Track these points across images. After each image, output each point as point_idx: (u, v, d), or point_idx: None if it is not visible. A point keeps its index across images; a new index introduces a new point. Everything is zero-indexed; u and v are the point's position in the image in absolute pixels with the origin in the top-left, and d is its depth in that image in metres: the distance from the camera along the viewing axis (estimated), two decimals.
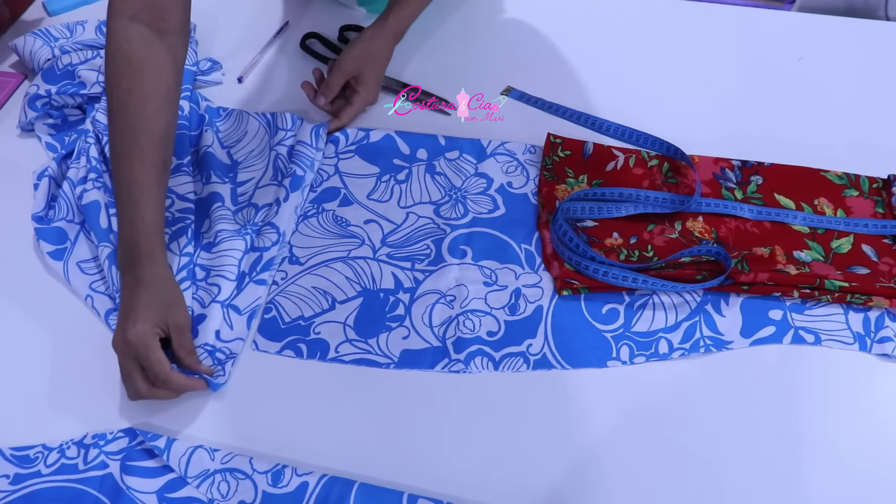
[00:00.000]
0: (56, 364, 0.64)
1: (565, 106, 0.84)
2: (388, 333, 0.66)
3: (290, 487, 0.56)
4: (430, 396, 0.62)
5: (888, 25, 0.95)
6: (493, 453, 0.59)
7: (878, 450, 0.60)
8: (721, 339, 0.65)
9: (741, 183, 0.76)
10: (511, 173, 0.78)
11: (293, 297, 0.68)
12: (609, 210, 0.72)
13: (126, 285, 0.62)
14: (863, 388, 0.63)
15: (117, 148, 0.64)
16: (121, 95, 0.64)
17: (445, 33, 0.93)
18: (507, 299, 0.68)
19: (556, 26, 0.94)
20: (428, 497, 0.56)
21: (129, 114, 0.64)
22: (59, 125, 0.82)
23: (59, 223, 0.72)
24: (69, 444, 0.59)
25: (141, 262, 0.62)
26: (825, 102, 0.85)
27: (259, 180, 0.77)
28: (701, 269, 0.68)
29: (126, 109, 0.64)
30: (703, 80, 0.88)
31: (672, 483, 0.58)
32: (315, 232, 0.73)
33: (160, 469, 0.58)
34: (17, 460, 0.58)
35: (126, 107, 0.64)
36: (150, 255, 0.62)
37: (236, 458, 0.57)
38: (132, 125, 0.63)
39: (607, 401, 0.62)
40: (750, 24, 0.95)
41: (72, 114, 0.82)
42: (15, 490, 0.57)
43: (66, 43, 0.87)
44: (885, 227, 0.73)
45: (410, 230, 0.73)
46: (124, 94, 0.64)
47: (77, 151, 0.76)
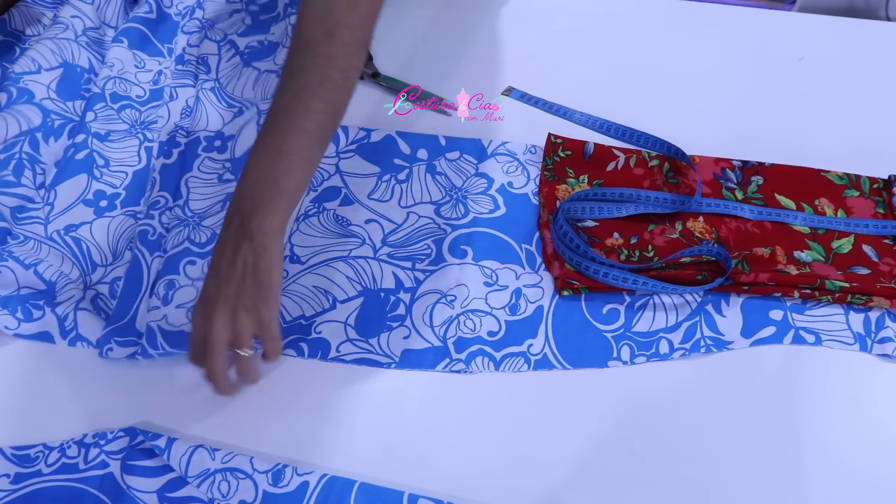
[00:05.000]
0: (56, 364, 0.64)
1: (565, 106, 0.84)
2: (389, 333, 0.66)
3: (291, 487, 0.56)
4: (430, 396, 0.62)
5: (889, 26, 0.95)
6: (494, 453, 0.59)
7: (878, 450, 0.60)
8: (721, 340, 0.65)
9: (742, 183, 0.76)
10: (512, 173, 0.78)
11: (294, 296, 0.68)
12: (609, 210, 0.72)
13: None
14: (863, 388, 0.63)
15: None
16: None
17: (445, 33, 0.93)
18: (507, 299, 0.68)
19: (556, 26, 0.94)
20: (428, 497, 0.56)
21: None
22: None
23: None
24: (70, 443, 0.59)
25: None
26: (826, 103, 0.85)
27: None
28: (701, 270, 0.68)
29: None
30: (704, 80, 0.88)
31: (672, 483, 0.58)
32: (316, 231, 0.73)
33: (161, 468, 0.58)
34: (18, 459, 0.58)
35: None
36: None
37: (237, 457, 0.57)
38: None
39: (608, 401, 0.62)
40: (750, 24, 0.95)
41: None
42: (16, 489, 0.57)
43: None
44: (885, 227, 0.73)
45: (411, 230, 0.73)
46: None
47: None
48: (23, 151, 0.74)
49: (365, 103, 0.85)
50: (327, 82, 0.58)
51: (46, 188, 0.73)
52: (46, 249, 0.69)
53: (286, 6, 0.90)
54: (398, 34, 0.93)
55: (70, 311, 0.64)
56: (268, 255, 0.55)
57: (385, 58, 0.89)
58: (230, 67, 0.86)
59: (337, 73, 0.59)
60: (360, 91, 0.86)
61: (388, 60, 0.89)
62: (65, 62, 0.81)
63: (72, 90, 0.81)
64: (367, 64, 0.88)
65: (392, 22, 0.94)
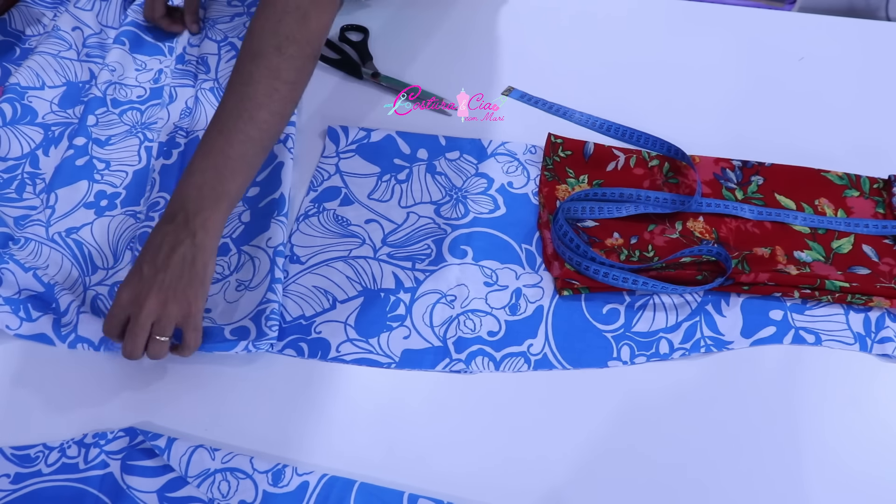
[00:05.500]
0: (56, 363, 0.64)
1: (565, 106, 0.84)
2: (389, 333, 0.66)
3: (291, 487, 0.56)
4: (430, 396, 0.62)
5: (889, 26, 0.95)
6: (494, 453, 0.59)
7: (878, 450, 0.60)
8: (721, 340, 0.65)
9: (742, 183, 0.76)
10: (512, 173, 0.78)
11: (294, 296, 0.68)
12: (610, 210, 0.72)
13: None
14: (863, 388, 0.63)
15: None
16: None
17: (445, 33, 0.93)
18: (507, 299, 0.68)
19: (556, 26, 0.94)
20: (428, 497, 0.56)
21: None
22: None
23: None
24: (70, 443, 0.59)
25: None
26: (826, 103, 0.85)
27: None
28: (701, 270, 0.68)
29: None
30: (704, 80, 0.88)
31: (673, 483, 0.58)
32: (316, 231, 0.73)
33: (161, 468, 0.58)
34: (18, 459, 0.58)
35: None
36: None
37: (237, 457, 0.57)
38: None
39: (608, 401, 0.62)
40: (750, 24, 0.95)
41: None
42: (16, 489, 0.57)
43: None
44: (885, 227, 0.73)
45: (411, 230, 0.73)
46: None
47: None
48: (24, 172, 0.76)
49: (365, 103, 0.85)
50: (274, 94, 0.62)
51: (46, 191, 0.73)
52: (47, 251, 0.69)
53: None
54: (398, 34, 0.93)
55: (70, 314, 0.64)
56: (205, 253, 0.59)
57: (385, 58, 0.89)
58: (230, 67, 0.86)
59: (283, 86, 0.63)
60: (360, 91, 0.86)
61: (388, 60, 0.89)
62: (68, 81, 0.84)
63: (73, 100, 0.83)
64: (367, 64, 0.88)
65: (392, 22, 0.95)
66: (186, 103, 0.82)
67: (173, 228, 0.59)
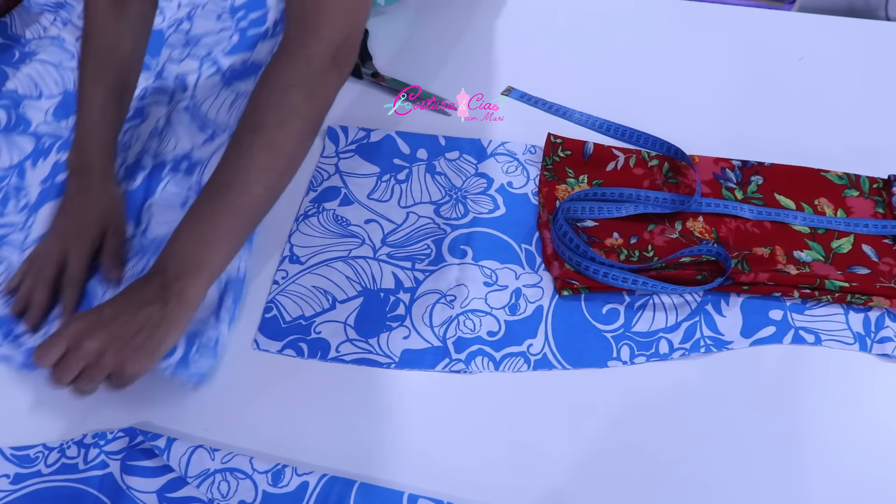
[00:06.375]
0: None
1: (565, 106, 0.84)
2: (389, 333, 0.66)
3: (291, 487, 0.56)
4: (430, 396, 0.62)
5: (889, 26, 0.95)
6: (494, 453, 0.59)
7: (878, 450, 0.60)
8: (721, 340, 0.65)
9: (741, 183, 0.76)
10: (511, 173, 0.78)
11: (294, 296, 0.68)
12: (609, 210, 0.72)
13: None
14: (863, 388, 0.63)
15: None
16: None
17: (445, 33, 0.93)
18: (507, 299, 0.68)
19: (556, 26, 0.94)
20: (428, 497, 0.56)
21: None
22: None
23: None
24: (69, 443, 0.59)
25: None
26: (826, 102, 0.85)
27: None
28: (701, 270, 0.68)
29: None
30: (704, 80, 0.88)
31: (672, 483, 0.58)
32: (315, 231, 0.73)
33: (160, 469, 0.58)
34: (18, 460, 0.58)
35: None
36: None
37: (236, 457, 0.57)
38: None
39: (608, 401, 0.62)
40: (750, 24, 0.95)
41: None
42: (15, 489, 0.57)
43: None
44: (885, 227, 0.73)
45: (411, 230, 0.73)
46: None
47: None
48: (10, 184, 0.76)
49: (365, 103, 0.85)
50: (270, 169, 0.60)
51: (28, 210, 0.74)
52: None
53: (275, 23, 0.90)
54: (398, 34, 0.93)
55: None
56: (170, 322, 0.57)
57: (385, 58, 0.89)
58: (209, 85, 0.85)
59: (282, 161, 0.61)
60: (360, 91, 0.86)
61: (388, 60, 0.89)
62: (65, 91, 0.84)
63: (68, 110, 0.83)
64: (368, 64, 0.88)
65: (392, 22, 0.95)
66: (157, 124, 0.81)
67: (150, 288, 0.57)
